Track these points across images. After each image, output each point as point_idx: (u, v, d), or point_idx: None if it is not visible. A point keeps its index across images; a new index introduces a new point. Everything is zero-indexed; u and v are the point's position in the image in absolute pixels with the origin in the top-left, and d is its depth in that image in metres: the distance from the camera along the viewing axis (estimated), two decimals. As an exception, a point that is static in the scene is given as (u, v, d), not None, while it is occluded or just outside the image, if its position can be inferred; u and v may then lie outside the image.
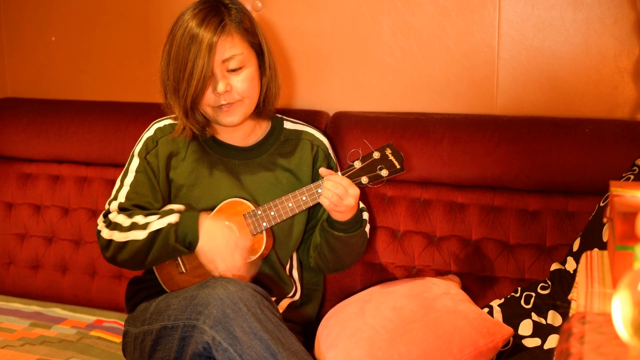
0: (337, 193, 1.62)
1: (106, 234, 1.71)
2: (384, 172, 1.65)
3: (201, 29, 1.64)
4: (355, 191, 1.64)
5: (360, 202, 1.77)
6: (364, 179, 1.65)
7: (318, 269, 1.87)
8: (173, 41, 1.68)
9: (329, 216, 1.72)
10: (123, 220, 1.70)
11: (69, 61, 2.51)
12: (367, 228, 1.81)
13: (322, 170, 1.68)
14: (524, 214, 1.91)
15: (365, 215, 1.80)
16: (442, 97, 2.09)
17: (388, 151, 1.65)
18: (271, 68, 1.77)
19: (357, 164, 1.66)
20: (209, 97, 1.69)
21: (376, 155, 1.65)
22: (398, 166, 1.65)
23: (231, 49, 1.67)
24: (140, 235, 1.66)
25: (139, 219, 1.68)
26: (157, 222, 1.66)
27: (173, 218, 1.66)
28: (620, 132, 1.85)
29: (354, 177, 1.65)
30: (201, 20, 1.65)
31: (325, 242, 1.76)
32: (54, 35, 2.51)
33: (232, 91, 1.69)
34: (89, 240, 2.30)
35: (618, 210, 1.06)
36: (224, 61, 1.67)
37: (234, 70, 1.69)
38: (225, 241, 1.65)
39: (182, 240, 1.64)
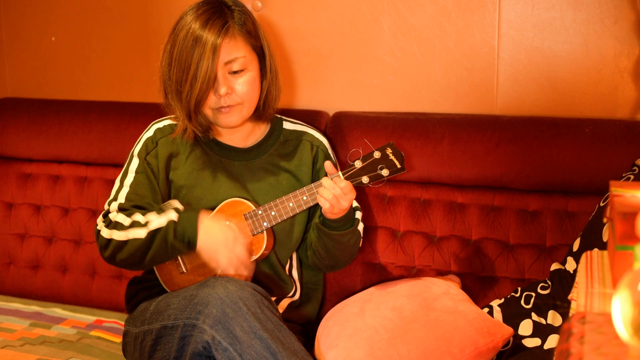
0: (335, 194, 1.63)
1: (106, 233, 1.71)
2: (385, 172, 1.64)
3: (205, 30, 1.64)
4: (352, 194, 1.65)
5: (355, 201, 1.77)
6: (365, 179, 1.65)
7: (315, 267, 1.88)
8: (175, 42, 1.68)
9: (321, 214, 1.72)
10: (123, 219, 1.70)
11: (69, 61, 2.51)
12: (361, 227, 1.81)
13: (327, 164, 1.67)
14: (524, 214, 1.91)
15: (358, 215, 1.80)
16: (442, 97, 2.09)
17: (389, 151, 1.65)
18: (272, 71, 1.76)
19: (358, 164, 1.65)
20: (210, 99, 1.69)
21: (377, 154, 1.65)
22: (399, 165, 1.64)
23: (234, 51, 1.67)
24: (140, 233, 1.66)
25: (139, 217, 1.68)
26: (157, 221, 1.66)
27: (172, 215, 1.66)
28: (620, 132, 1.85)
29: (354, 176, 1.65)
30: (205, 22, 1.65)
31: (318, 239, 1.77)
32: (54, 35, 2.51)
33: (232, 93, 1.69)
34: (89, 240, 2.30)
35: (618, 210, 1.06)
36: (227, 63, 1.67)
37: (235, 72, 1.69)
38: (225, 237, 1.64)
39: (181, 238, 1.64)
